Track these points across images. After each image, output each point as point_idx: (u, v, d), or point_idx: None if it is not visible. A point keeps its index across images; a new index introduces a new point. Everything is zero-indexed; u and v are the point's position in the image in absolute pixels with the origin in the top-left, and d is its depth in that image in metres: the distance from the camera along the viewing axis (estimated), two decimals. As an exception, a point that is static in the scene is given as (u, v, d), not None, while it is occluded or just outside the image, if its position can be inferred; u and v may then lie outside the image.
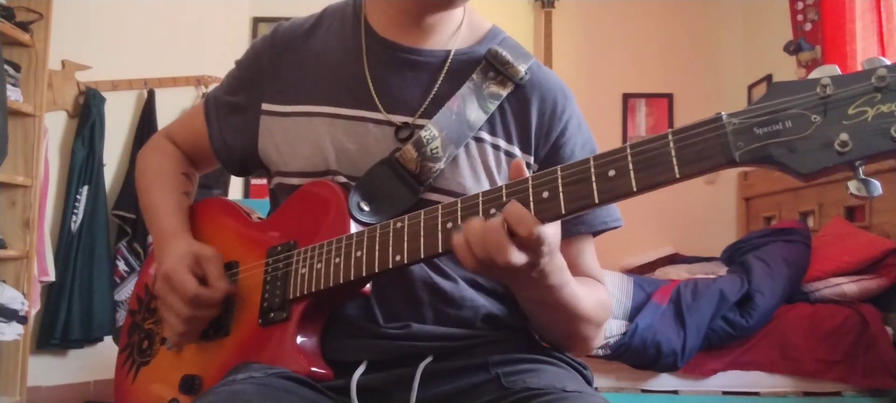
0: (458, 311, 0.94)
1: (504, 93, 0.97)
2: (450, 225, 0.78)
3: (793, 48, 3.66)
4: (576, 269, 0.94)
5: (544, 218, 0.73)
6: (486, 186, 0.96)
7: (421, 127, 0.94)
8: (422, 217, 0.80)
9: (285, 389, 0.81)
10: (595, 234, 1.02)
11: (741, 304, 2.77)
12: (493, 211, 0.75)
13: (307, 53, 1.03)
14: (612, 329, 2.75)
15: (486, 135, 0.97)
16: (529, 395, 0.83)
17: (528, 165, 0.99)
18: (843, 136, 0.59)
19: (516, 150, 0.98)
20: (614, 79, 4.83)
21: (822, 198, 3.52)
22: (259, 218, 1.07)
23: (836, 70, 0.61)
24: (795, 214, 3.73)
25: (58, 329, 3.19)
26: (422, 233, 0.80)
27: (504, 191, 0.75)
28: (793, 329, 2.74)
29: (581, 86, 4.76)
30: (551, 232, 0.75)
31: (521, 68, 0.98)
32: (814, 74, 0.62)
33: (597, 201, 0.70)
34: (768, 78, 4.27)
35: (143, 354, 1.08)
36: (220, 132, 1.08)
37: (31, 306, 2.97)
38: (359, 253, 0.84)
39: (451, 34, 1.01)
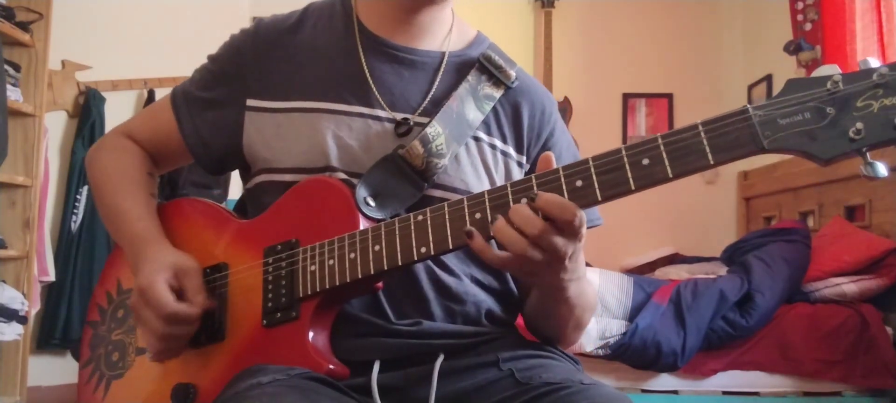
0: (463, 307, 0.95)
1: (497, 95, 1.01)
2: (478, 215, 0.79)
3: (793, 48, 3.66)
4: None
5: (580, 206, 0.76)
6: (486, 184, 0.98)
7: (422, 124, 0.96)
8: (446, 209, 0.82)
9: (316, 390, 0.80)
10: None
11: (741, 304, 2.77)
12: (524, 200, 0.77)
13: (296, 49, 1.01)
14: (612, 329, 2.75)
15: (483, 135, 0.99)
16: (550, 389, 0.84)
17: (520, 165, 1.03)
18: (859, 125, 0.67)
19: (511, 150, 1.01)
20: (614, 79, 4.83)
21: (822, 198, 3.52)
22: (238, 218, 1.03)
23: (838, 69, 0.69)
24: (795, 214, 3.72)
25: (58, 329, 3.19)
26: (447, 224, 0.81)
27: (534, 180, 0.78)
28: (793, 329, 2.74)
29: (581, 86, 4.77)
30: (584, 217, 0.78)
31: (512, 73, 1.02)
32: (819, 72, 0.70)
33: (633, 187, 0.75)
34: (768, 78, 4.28)
35: (114, 367, 1.03)
36: (194, 129, 1.04)
37: (31, 306, 2.97)
38: (377, 247, 0.84)
39: (443, 36, 1.04)
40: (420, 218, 0.83)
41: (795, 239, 3.09)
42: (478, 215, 0.79)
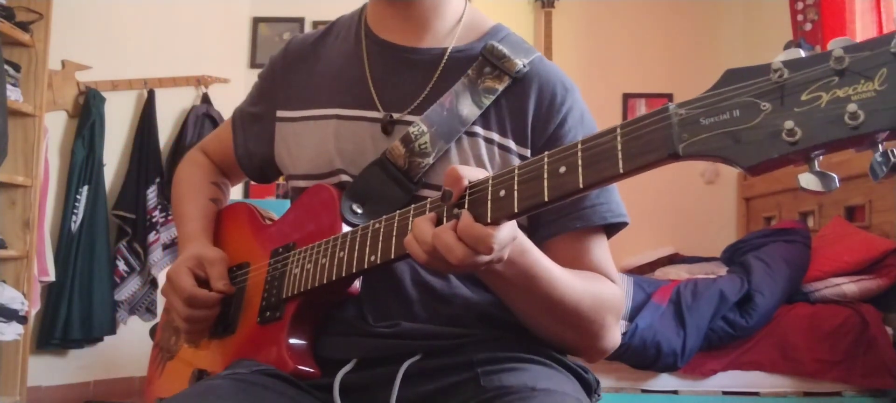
0: (450, 308, 0.93)
1: (500, 87, 0.97)
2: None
3: (793, 48, 3.66)
4: (580, 266, 0.93)
5: (498, 217, 0.71)
6: None
7: (408, 122, 0.95)
8: (396, 217, 0.81)
9: (263, 385, 0.85)
10: (604, 230, 0.98)
11: (741, 304, 2.77)
12: (456, 210, 0.74)
13: (316, 61, 1.07)
14: (612, 329, 2.75)
15: (479, 129, 0.96)
16: (500, 394, 0.83)
17: (522, 158, 0.97)
18: (789, 124, 0.53)
19: (511, 143, 0.97)
20: (614, 78, 4.83)
21: (822, 199, 3.52)
22: (270, 221, 1.11)
23: (799, 53, 0.56)
24: (795, 214, 3.73)
25: (58, 329, 3.19)
26: (394, 234, 0.80)
27: (466, 192, 0.74)
28: (793, 329, 2.74)
29: (581, 86, 4.65)
30: (504, 233, 0.73)
31: (519, 62, 0.97)
32: (777, 58, 0.57)
33: (546, 199, 0.68)
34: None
35: (170, 350, 1.15)
36: (244, 142, 1.14)
37: (31, 306, 2.97)
38: (342, 254, 0.86)
39: (446, 32, 1.02)
40: (376, 226, 0.83)
41: (795, 240, 3.09)
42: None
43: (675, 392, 2.77)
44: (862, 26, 3.21)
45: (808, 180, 0.54)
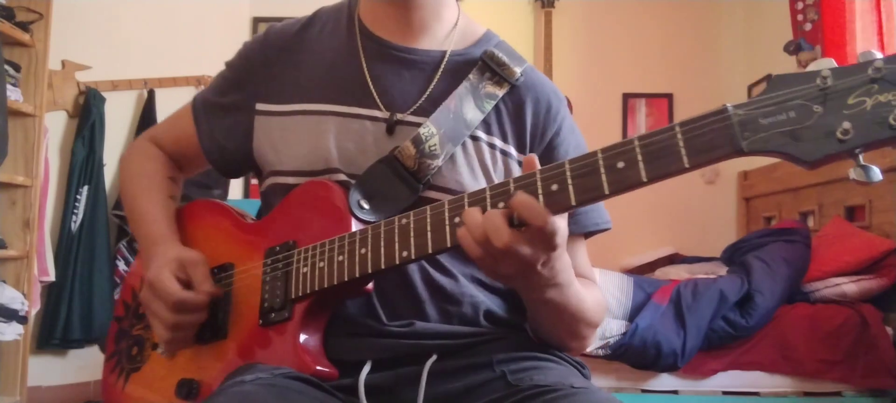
0: (459, 308, 0.94)
1: (500, 93, 0.99)
2: (457, 220, 0.78)
3: (793, 48, 3.66)
4: None
5: (554, 211, 0.73)
6: (483, 184, 0.96)
7: (415, 124, 0.95)
8: (428, 212, 0.81)
9: (296, 390, 0.81)
10: (586, 236, 1.03)
11: (741, 304, 2.78)
12: (501, 204, 0.75)
13: (301, 53, 1.03)
14: (612, 329, 2.75)
15: (482, 134, 0.98)
16: (539, 392, 0.83)
17: (521, 164, 1.00)
18: (846, 125, 0.61)
19: (512, 149, 1.00)
20: (614, 79, 4.83)
21: (822, 198, 3.52)
22: (253, 220, 1.06)
23: (832, 63, 0.63)
24: (795, 214, 3.73)
25: (58, 329, 3.19)
26: (429, 229, 0.80)
27: (512, 184, 0.76)
28: (793, 329, 2.74)
29: (581, 86, 4.77)
30: (562, 224, 0.75)
31: (517, 70, 1.00)
32: (812, 67, 0.64)
33: (607, 192, 0.71)
34: (768, 78, 4.26)
35: (133, 360, 1.08)
36: (210, 134, 1.08)
37: (31, 306, 2.97)
38: (363, 250, 0.84)
39: (444, 36, 1.03)
40: (404, 221, 0.82)
41: (795, 240, 3.09)
42: (457, 219, 0.78)
43: (675, 392, 2.77)
44: (862, 26, 3.21)
45: (857, 173, 0.62)
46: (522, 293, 0.87)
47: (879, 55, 0.62)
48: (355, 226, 0.89)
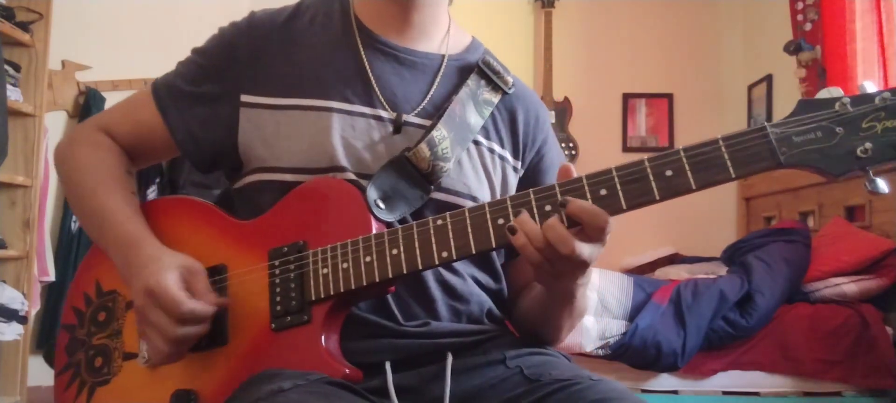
0: (468, 307, 0.97)
1: (495, 100, 1.02)
2: (501, 221, 0.81)
3: (793, 48, 3.66)
4: None
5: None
6: (486, 188, 0.99)
7: (419, 125, 0.96)
8: (467, 214, 0.83)
9: (336, 395, 0.78)
10: None
11: (741, 304, 2.77)
12: (548, 207, 0.79)
13: (293, 44, 0.99)
14: (612, 329, 2.75)
15: (482, 139, 1.01)
16: (562, 385, 0.85)
17: (516, 170, 1.04)
18: (867, 144, 0.73)
19: (508, 155, 1.03)
20: (614, 79, 4.83)
21: (821, 198, 3.52)
22: (235, 219, 0.98)
23: (840, 92, 0.75)
24: (795, 214, 3.72)
25: (58, 329, 3.18)
26: (469, 229, 0.82)
27: (558, 189, 0.80)
28: (793, 329, 2.74)
29: (581, 86, 4.77)
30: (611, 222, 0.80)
31: (509, 79, 1.04)
32: (822, 95, 0.76)
33: (658, 197, 0.78)
34: (768, 78, 4.27)
35: (97, 373, 0.99)
36: (184, 125, 0.99)
37: (31, 306, 2.97)
38: (395, 251, 0.84)
39: (441, 39, 1.05)
40: (440, 222, 0.84)
41: (795, 240, 3.09)
42: (500, 220, 0.81)
43: (675, 392, 2.77)
44: (862, 26, 3.21)
45: (874, 185, 0.74)
46: (555, 287, 0.88)
47: (874, 88, 0.74)
48: (375, 226, 0.88)
